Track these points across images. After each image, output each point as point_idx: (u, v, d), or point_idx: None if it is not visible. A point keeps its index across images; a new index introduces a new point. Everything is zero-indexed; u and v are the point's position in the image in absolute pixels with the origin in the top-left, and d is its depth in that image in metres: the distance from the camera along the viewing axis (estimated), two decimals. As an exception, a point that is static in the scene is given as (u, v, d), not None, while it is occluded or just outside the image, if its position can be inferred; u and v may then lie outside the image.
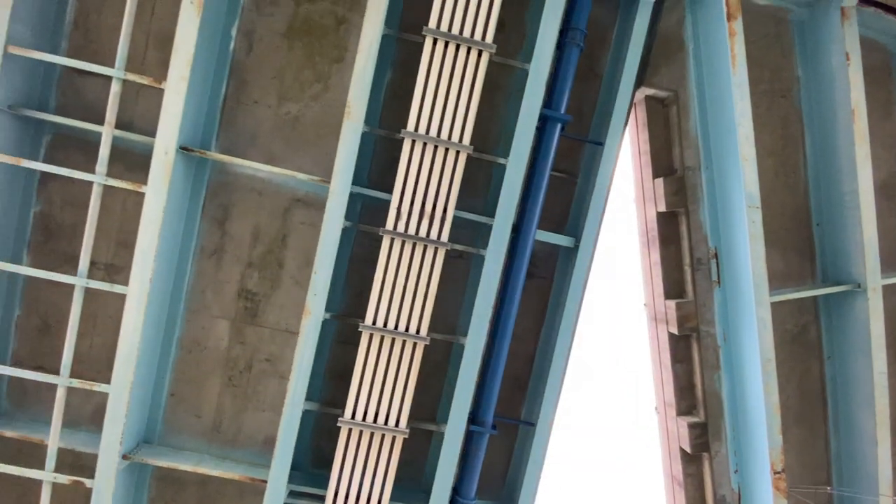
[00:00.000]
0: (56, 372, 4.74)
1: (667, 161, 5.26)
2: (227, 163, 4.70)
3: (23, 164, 4.17)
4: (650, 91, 5.09)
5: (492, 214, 4.89)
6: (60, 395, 4.35)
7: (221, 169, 4.80)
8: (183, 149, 4.34)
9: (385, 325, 4.50)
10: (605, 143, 4.75)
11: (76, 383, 4.33)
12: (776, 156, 5.20)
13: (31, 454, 4.91)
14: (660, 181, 5.20)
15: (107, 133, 4.21)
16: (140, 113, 4.71)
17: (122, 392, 4.34)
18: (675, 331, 5.25)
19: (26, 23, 4.32)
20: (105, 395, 4.85)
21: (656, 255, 5.39)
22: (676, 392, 5.43)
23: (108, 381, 4.66)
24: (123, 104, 4.70)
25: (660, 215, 5.28)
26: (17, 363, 4.81)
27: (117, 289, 4.30)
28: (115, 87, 4.20)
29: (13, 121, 4.38)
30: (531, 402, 5.22)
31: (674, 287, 5.34)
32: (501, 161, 4.69)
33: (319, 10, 4.79)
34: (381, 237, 4.58)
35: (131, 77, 4.18)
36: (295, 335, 5.01)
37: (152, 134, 4.63)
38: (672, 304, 5.24)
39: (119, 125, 4.64)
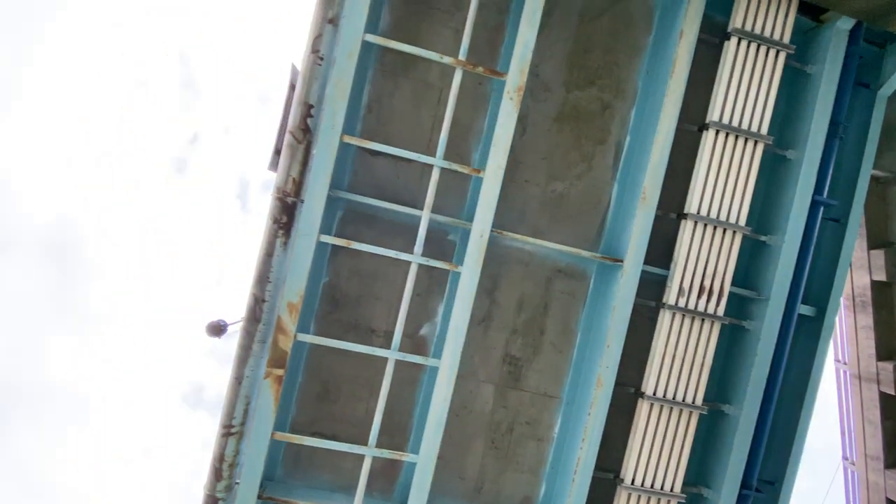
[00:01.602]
0: (332, 437, 4.90)
1: (882, 234, 5.69)
2: (501, 237, 4.98)
3: (352, 245, 4.40)
4: (871, 171, 5.54)
5: (740, 285, 5.24)
6: (367, 464, 4.51)
7: (493, 242, 5.07)
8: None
9: (664, 395, 4.79)
10: (848, 222, 5.17)
11: (387, 454, 4.51)
12: (980, 230, 5.68)
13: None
14: (877, 252, 5.63)
15: (425, 216, 4.47)
16: (421, 191, 4.96)
17: (429, 462, 4.53)
18: (890, 391, 5.63)
19: (336, 109, 4.57)
20: (379, 461, 5.03)
21: (867, 320, 5.78)
22: (885, 447, 5.79)
23: (385, 447, 4.86)
24: (402, 181, 4.98)
25: (874, 283, 5.70)
26: (295, 430, 4.95)
27: (430, 362, 4.51)
28: (435, 175, 4.47)
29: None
30: (764, 460, 5.52)
31: (886, 350, 5.74)
32: (763, 238, 5.06)
33: (587, 97, 5.14)
34: (657, 309, 4.91)
35: (455, 167, 4.46)
36: (552, 399, 5.25)
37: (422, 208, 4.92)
38: (888, 366, 5.63)
39: (397, 201, 4.90)
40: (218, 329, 4.78)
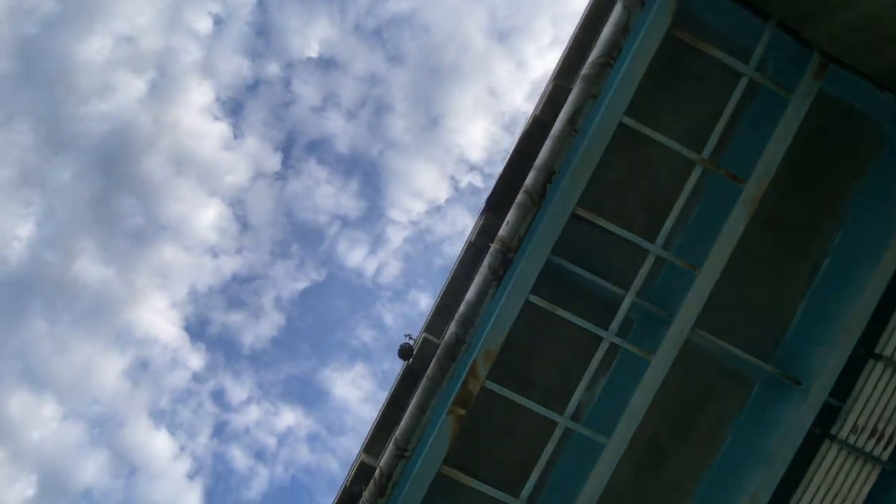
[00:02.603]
0: (472, 475, 5.09)
1: None
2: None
3: (557, 311, 4.55)
4: None
5: None
6: (514, 515, 4.70)
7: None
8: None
9: (810, 522, 4.81)
10: None
11: (536, 511, 4.68)
12: None
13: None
14: None
15: (628, 299, 4.58)
16: (614, 264, 5.05)
17: (574, 529, 4.68)
18: None
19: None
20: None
21: None
22: None
23: (517, 495, 5.02)
24: (596, 248, 5.08)
25: None
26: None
27: (600, 439, 4.65)
28: (649, 262, 4.57)
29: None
30: None
31: None
32: (943, 394, 5.00)
33: (796, 208, 5.11)
34: (821, 437, 4.92)
35: (672, 259, 4.54)
36: (686, 493, 5.32)
37: (619, 285, 5.01)
38: None
39: (584, 265, 5.01)
40: (409, 353, 5.01)
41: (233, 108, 32.45)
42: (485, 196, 5.12)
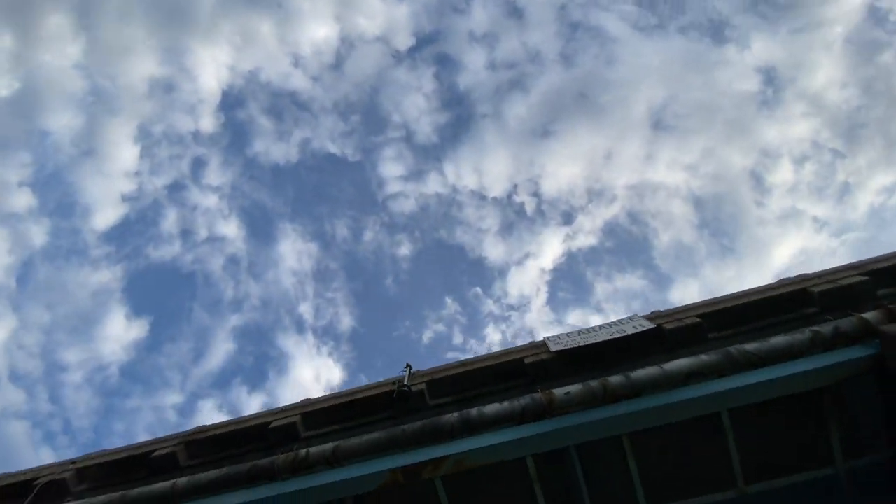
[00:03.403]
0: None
1: None
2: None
3: (536, 488, 4.62)
4: None
5: None
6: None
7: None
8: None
9: None
10: None
11: None
12: None
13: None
14: None
15: (594, 530, 4.63)
16: (608, 491, 5.09)
17: None
18: None
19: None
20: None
21: None
22: None
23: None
24: (607, 468, 5.12)
25: None
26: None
27: None
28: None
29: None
30: None
31: None
32: None
33: None
34: None
35: (654, 539, 4.58)
36: None
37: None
38: None
39: (587, 472, 5.05)
40: (404, 400, 5.15)
41: (417, -24, 31.37)
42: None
